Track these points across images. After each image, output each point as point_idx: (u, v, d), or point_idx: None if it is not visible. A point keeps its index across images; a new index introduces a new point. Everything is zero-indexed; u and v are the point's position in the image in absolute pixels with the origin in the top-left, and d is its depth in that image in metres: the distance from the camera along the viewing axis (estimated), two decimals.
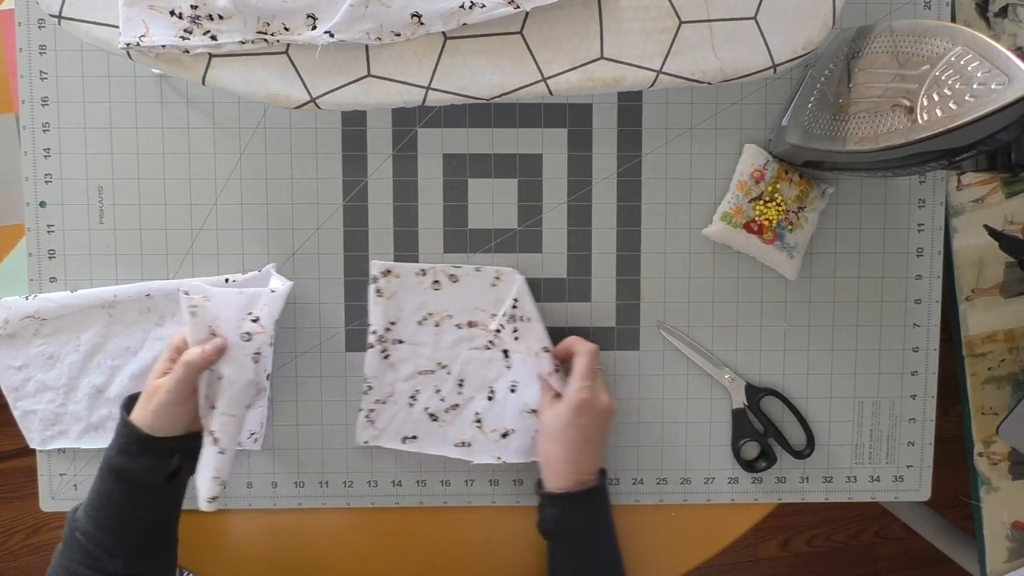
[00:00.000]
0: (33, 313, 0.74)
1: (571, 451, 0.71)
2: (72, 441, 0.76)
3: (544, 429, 0.73)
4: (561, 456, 0.71)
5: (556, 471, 0.71)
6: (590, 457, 0.71)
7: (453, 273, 0.76)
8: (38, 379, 0.75)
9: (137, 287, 0.75)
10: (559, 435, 0.71)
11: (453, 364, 0.77)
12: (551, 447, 0.71)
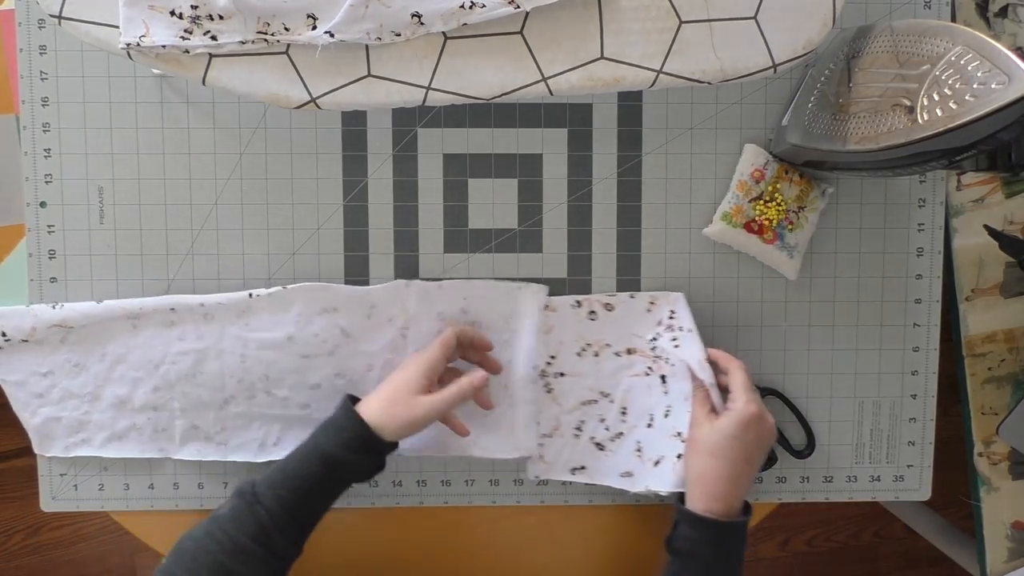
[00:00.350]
0: (60, 322, 0.74)
1: (729, 469, 0.67)
2: (95, 449, 0.76)
3: (701, 443, 0.68)
4: (717, 473, 0.67)
5: (707, 490, 0.67)
6: (746, 480, 0.68)
7: (608, 302, 0.76)
8: (63, 386, 0.75)
9: (162, 300, 0.74)
10: (720, 450, 0.67)
11: (615, 392, 0.76)
12: (707, 462, 0.67)
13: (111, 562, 1.49)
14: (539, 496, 0.79)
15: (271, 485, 0.65)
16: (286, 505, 0.64)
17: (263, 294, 0.74)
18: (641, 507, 0.79)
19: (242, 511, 0.64)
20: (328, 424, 0.68)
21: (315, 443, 0.67)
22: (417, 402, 0.68)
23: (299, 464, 0.66)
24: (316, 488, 0.66)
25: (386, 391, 0.68)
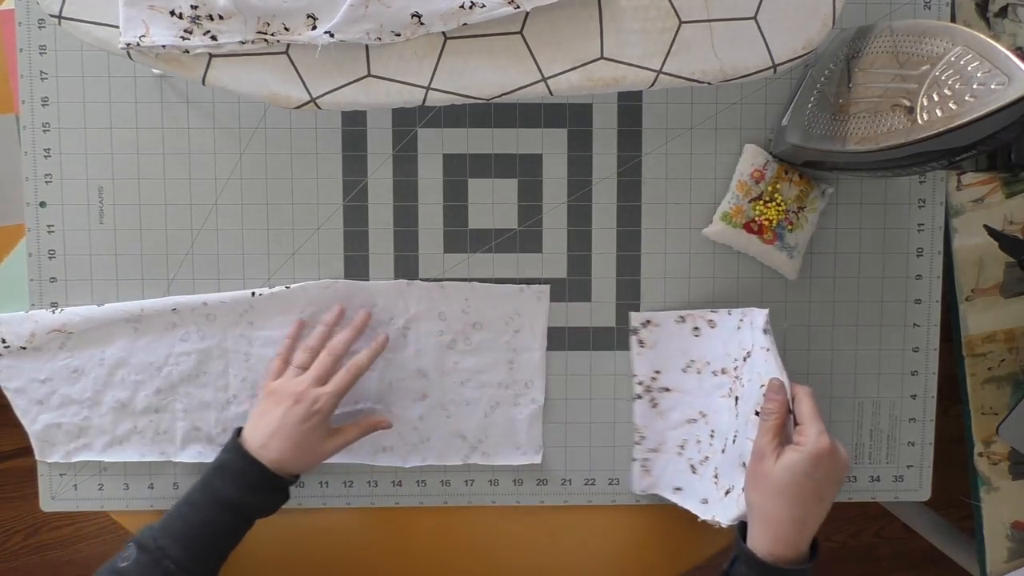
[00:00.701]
0: (59, 327, 0.74)
1: (799, 511, 0.60)
2: (96, 454, 0.76)
3: (767, 480, 0.61)
4: (786, 516, 0.60)
5: (773, 532, 0.61)
6: (816, 520, 0.61)
7: (711, 319, 0.75)
8: (63, 392, 0.75)
9: (164, 302, 0.74)
10: (789, 489, 0.60)
11: (710, 413, 0.75)
12: (775, 502, 0.61)
13: None
14: (539, 496, 0.79)
15: (175, 537, 0.65)
16: (195, 554, 0.65)
17: (266, 293, 0.74)
18: (641, 507, 0.79)
19: (149, 565, 0.64)
20: (222, 469, 0.68)
21: (212, 491, 0.67)
22: (323, 450, 0.71)
23: (200, 513, 0.66)
24: (223, 533, 0.67)
25: (289, 444, 0.68)
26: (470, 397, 0.77)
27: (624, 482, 0.79)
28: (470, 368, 0.77)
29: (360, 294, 0.75)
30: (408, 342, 0.76)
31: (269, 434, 0.68)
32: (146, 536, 0.66)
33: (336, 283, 0.75)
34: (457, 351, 0.76)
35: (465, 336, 0.76)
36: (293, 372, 0.71)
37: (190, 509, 0.67)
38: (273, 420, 0.68)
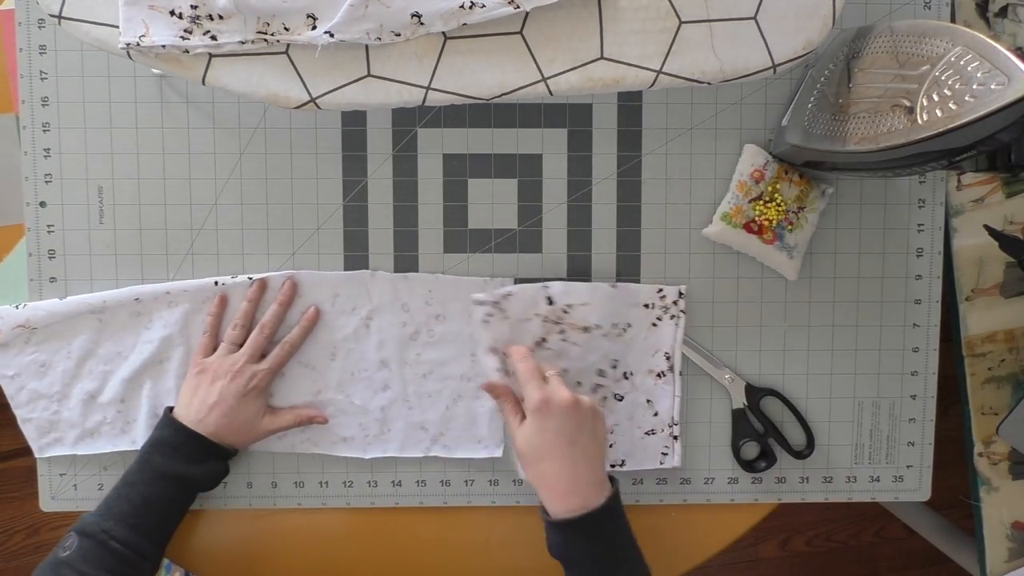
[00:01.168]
0: (23, 322, 0.74)
1: (558, 463, 0.64)
2: (68, 448, 0.76)
3: (522, 453, 0.66)
4: (550, 474, 0.64)
5: (552, 491, 0.64)
6: (583, 462, 0.64)
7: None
8: (31, 387, 0.75)
9: (126, 292, 0.75)
10: (537, 450, 0.64)
11: None
12: (537, 467, 0.65)
13: None
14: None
15: (120, 518, 0.66)
16: (142, 531, 0.66)
17: (229, 282, 0.74)
18: (641, 507, 0.79)
19: (93, 550, 0.64)
20: (160, 444, 0.69)
21: (153, 466, 0.68)
22: (258, 428, 0.73)
23: (145, 490, 0.67)
24: (167, 509, 0.68)
25: (225, 419, 0.70)
26: (432, 389, 0.77)
27: (624, 482, 0.79)
28: (432, 360, 0.76)
29: (323, 284, 0.75)
30: (371, 332, 0.76)
31: (207, 409, 0.70)
32: (87, 522, 0.66)
33: (298, 273, 0.75)
34: (420, 343, 0.76)
35: (428, 328, 0.76)
36: (226, 349, 0.73)
37: (131, 489, 0.67)
38: (210, 396, 0.70)
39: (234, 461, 0.77)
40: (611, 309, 0.76)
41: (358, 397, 0.76)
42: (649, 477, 0.79)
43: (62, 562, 0.64)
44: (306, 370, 0.76)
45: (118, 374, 0.75)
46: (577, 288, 0.75)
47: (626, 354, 0.76)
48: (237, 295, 0.75)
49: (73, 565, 0.64)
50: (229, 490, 0.78)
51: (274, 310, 0.74)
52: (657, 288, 0.76)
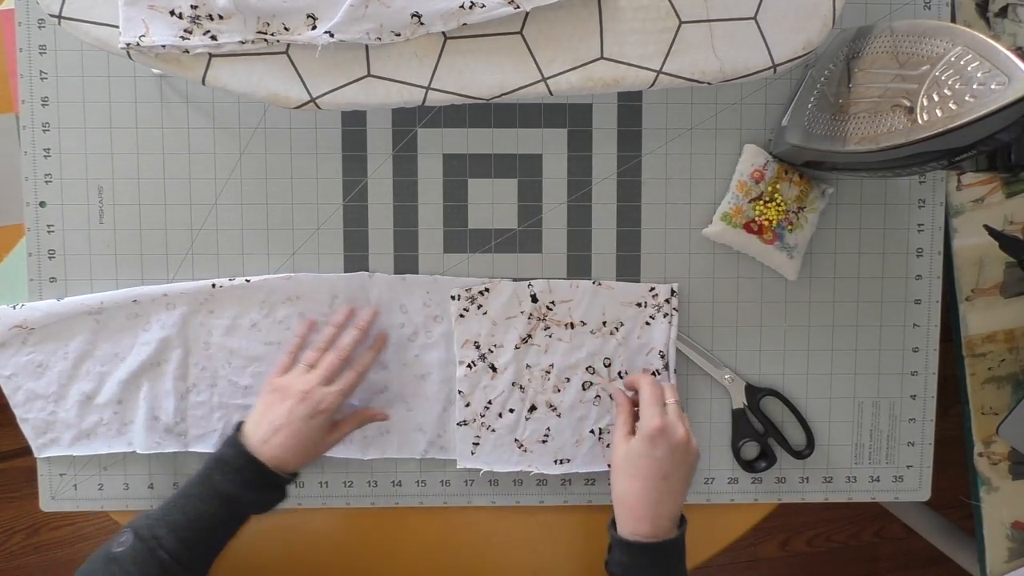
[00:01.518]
0: (20, 323, 0.74)
1: (647, 489, 0.65)
2: (64, 448, 0.76)
3: (617, 465, 0.68)
4: (636, 496, 0.66)
5: (631, 512, 0.66)
6: (670, 497, 0.66)
7: None
8: (28, 388, 0.75)
9: (124, 293, 0.75)
10: (634, 470, 0.66)
11: None
12: (626, 484, 0.67)
13: None
14: (539, 496, 0.79)
15: (172, 527, 0.65)
16: (190, 546, 0.65)
17: (226, 284, 0.74)
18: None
19: (143, 554, 0.64)
20: (221, 463, 0.68)
21: (211, 483, 0.67)
22: (323, 445, 0.71)
23: (198, 506, 0.66)
24: (218, 528, 0.67)
25: (293, 443, 0.68)
26: (430, 391, 0.77)
27: None
28: (430, 361, 0.77)
29: (321, 286, 0.75)
30: (369, 334, 0.76)
31: (273, 430, 0.68)
32: (142, 524, 0.66)
33: (296, 275, 0.75)
34: (418, 344, 0.76)
35: (426, 329, 0.76)
36: (301, 369, 0.71)
37: (187, 501, 0.67)
38: (278, 416, 0.68)
39: None
40: (597, 306, 0.76)
41: (356, 398, 0.76)
42: None
43: (113, 557, 0.64)
44: None
45: (115, 375, 0.75)
46: (559, 285, 0.76)
47: (620, 353, 0.76)
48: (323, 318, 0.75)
49: (122, 564, 0.64)
50: None
51: (353, 335, 0.73)
52: (649, 287, 0.76)
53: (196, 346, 0.75)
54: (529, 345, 0.76)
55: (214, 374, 0.76)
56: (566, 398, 0.77)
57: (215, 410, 0.76)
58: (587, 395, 0.77)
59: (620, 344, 0.76)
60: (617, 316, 0.76)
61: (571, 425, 0.77)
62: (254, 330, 0.75)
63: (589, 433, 0.77)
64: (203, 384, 0.76)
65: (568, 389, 0.77)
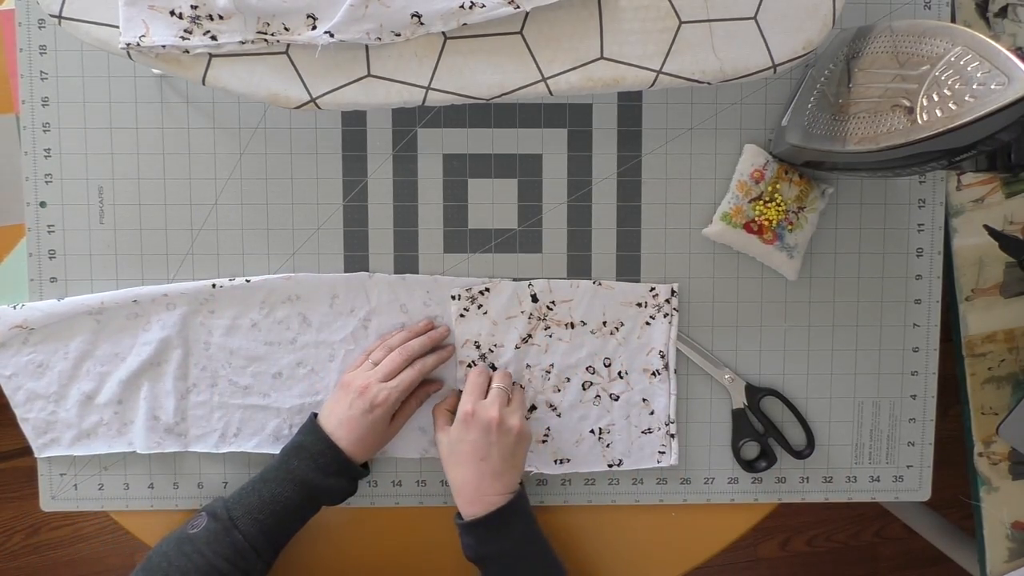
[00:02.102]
0: (21, 323, 0.74)
1: (468, 472, 0.69)
2: (64, 449, 0.76)
3: (442, 456, 0.72)
4: (461, 479, 0.70)
5: (462, 497, 0.70)
6: (491, 478, 0.69)
7: None
8: (28, 388, 0.75)
9: (124, 293, 0.75)
10: (453, 457, 0.70)
11: None
12: (451, 471, 0.71)
13: (111, 562, 1.49)
14: (539, 496, 0.79)
15: (247, 509, 0.66)
16: (264, 529, 0.66)
17: (227, 284, 0.75)
18: (641, 507, 0.79)
19: (218, 533, 0.65)
20: (300, 449, 0.69)
21: (288, 468, 0.68)
22: (388, 434, 0.73)
23: (275, 489, 0.68)
24: (292, 513, 0.68)
25: (356, 435, 0.70)
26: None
27: (624, 482, 0.79)
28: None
29: (321, 286, 0.75)
30: (369, 334, 0.76)
31: (336, 423, 0.70)
32: (218, 506, 0.67)
33: (296, 275, 0.75)
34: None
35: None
36: (366, 366, 0.73)
37: (264, 485, 0.68)
38: (341, 411, 0.70)
39: (227, 461, 0.77)
40: (597, 306, 0.76)
41: None
42: (649, 477, 0.79)
43: (188, 538, 0.66)
44: (305, 372, 0.76)
45: (115, 375, 0.75)
46: (559, 285, 0.76)
47: (620, 353, 0.76)
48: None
49: (196, 544, 0.65)
50: (229, 490, 0.77)
51: (421, 341, 0.74)
52: (649, 287, 0.76)
53: (196, 346, 0.75)
54: (529, 345, 0.76)
55: (214, 374, 0.76)
56: (566, 398, 0.77)
57: (215, 410, 0.76)
58: (587, 395, 0.77)
59: (620, 344, 0.76)
60: (617, 316, 0.76)
61: (571, 425, 0.77)
62: (254, 330, 0.75)
63: (589, 433, 0.77)
64: (203, 384, 0.76)
65: (568, 389, 0.77)
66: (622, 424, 0.77)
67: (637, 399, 0.77)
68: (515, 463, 0.70)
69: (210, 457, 0.77)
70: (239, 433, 0.76)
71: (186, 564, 0.64)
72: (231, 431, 0.76)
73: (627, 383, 0.77)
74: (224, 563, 0.65)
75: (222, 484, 0.78)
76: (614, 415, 0.77)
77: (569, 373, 0.76)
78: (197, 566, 0.64)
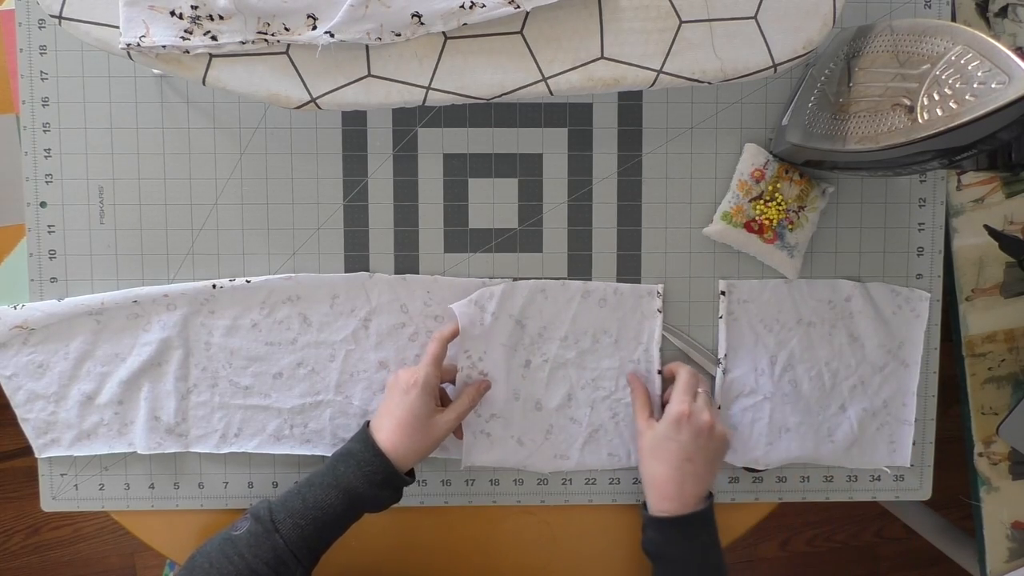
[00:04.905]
0: (21, 323, 0.74)
1: (671, 470, 0.69)
2: (64, 449, 0.76)
3: (643, 449, 0.72)
4: (662, 476, 0.70)
5: (657, 492, 0.70)
6: (693, 479, 0.69)
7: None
8: (28, 388, 0.75)
9: (124, 293, 0.75)
10: (658, 453, 0.70)
11: None
12: (651, 466, 0.71)
13: (111, 562, 1.49)
14: (539, 496, 0.79)
15: (290, 513, 0.66)
16: (304, 535, 0.66)
17: (227, 285, 0.74)
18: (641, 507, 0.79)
19: (260, 536, 0.65)
20: (348, 456, 0.68)
21: (335, 475, 0.67)
22: (434, 425, 0.70)
23: (320, 494, 0.67)
24: (334, 520, 0.67)
25: (398, 423, 0.68)
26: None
27: (625, 482, 0.79)
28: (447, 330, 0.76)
29: (322, 287, 0.75)
30: (369, 334, 0.76)
31: (386, 416, 0.70)
32: (262, 508, 0.67)
33: (296, 276, 0.75)
34: (418, 344, 0.76)
35: (427, 329, 0.76)
36: (414, 362, 0.74)
37: (309, 490, 0.67)
38: (384, 405, 0.70)
39: (228, 461, 0.77)
40: (590, 313, 0.76)
41: (357, 398, 0.76)
42: None
43: (231, 539, 0.65)
44: (306, 372, 0.76)
45: (116, 376, 0.75)
46: (547, 307, 0.76)
47: (615, 352, 0.77)
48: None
49: (238, 546, 0.64)
50: (230, 490, 0.78)
51: (453, 328, 0.74)
52: (645, 289, 0.76)
53: (197, 346, 0.75)
54: (529, 344, 0.76)
55: (215, 374, 0.76)
56: (565, 396, 0.77)
57: (216, 410, 0.76)
58: (587, 395, 0.77)
59: (616, 342, 0.76)
60: (610, 318, 0.76)
61: (571, 424, 0.77)
62: (255, 330, 0.75)
63: (590, 432, 0.77)
64: (204, 384, 0.76)
65: (567, 388, 0.77)
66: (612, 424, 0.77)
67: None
68: (715, 469, 0.72)
69: (211, 457, 0.77)
70: (240, 433, 0.76)
71: (227, 566, 0.63)
72: (232, 431, 0.76)
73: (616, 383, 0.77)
74: (264, 567, 0.64)
75: (223, 484, 0.78)
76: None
77: (567, 372, 0.77)
78: (237, 569, 0.63)
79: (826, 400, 0.77)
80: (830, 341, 0.77)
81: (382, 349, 0.76)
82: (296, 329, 0.75)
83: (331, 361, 0.76)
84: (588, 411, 0.77)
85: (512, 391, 0.77)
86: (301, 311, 0.75)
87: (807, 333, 0.77)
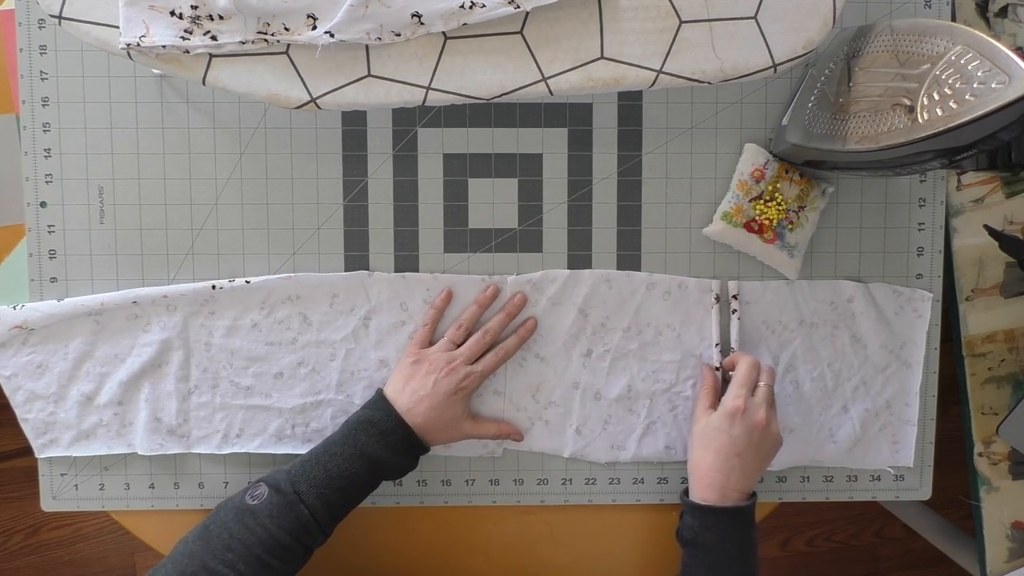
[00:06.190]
0: (20, 323, 0.74)
1: (718, 461, 0.69)
2: (63, 449, 0.76)
3: (695, 436, 0.72)
4: (708, 464, 0.70)
5: (701, 480, 0.70)
6: (739, 473, 0.69)
7: None
8: (28, 388, 0.75)
9: (123, 294, 0.75)
10: (708, 442, 0.70)
11: None
12: (700, 453, 0.71)
13: (111, 562, 1.49)
14: (539, 496, 0.79)
15: (313, 484, 0.66)
16: (327, 503, 0.66)
17: (227, 286, 0.74)
18: (641, 507, 0.79)
19: (282, 507, 0.65)
20: (369, 424, 0.69)
21: (356, 443, 0.68)
22: (460, 429, 0.73)
23: (343, 464, 0.67)
24: (355, 489, 0.68)
25: (431, 408, 0.70)
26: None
27: (625, 481, 0.79)
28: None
29: (321, 286, 0.75)
30: (370, 332, 0.76)
31: (417, 399, 0.70)
32: (279, 478, 0.66)
33: (296, 275, 0.75)
34: None
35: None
36: (445, 345, 0.73)
37: (329, 459, 0.68)
38: (422, 387, 0.70)
39: (228, 462, 0.77)
40: (652, 305, 0.77)
41: (359, 397, 0.76)
42: (650, 476, 0.79)
43: (249, 509, 0.65)
44: (306, 371, 0.76)
45: (115, 376, 0.75)
46: (611, 297, 0.76)
47: (678, 345, 0.77)
48: (464, 292, 0.75)
49: (259, 516, 0.64)
50: (230, 490, 0.78)
51: (500, 319, 0.74)
52: (710, 284, 0.77)
53: (197, 347, 0.75)
54: (591, 334, 0.76)
55: (216, 375, 0.76)
56: (625, 387, 0.77)
57: (217, 411, 0.76)
58: (647, 387, 0.77)
59: (678, 336, 0.77)
60: (674, 312, 0.77)
61: (629, 415, 0.77)
62: (255, 330, 0.75)
63: (647, 424, 0.77)
64: (205, 385, 0.76)
65: (627, 379, 0.77)
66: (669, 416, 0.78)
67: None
68: (762, 467, 0.71)
69: (211, 457, 0.77)
70: (241, 434, 0.76)
71: (248, 537, 0.63)
72: (233, 432, 0.76)
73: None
74: (287, 537, 0.64)
75: (223, 484, 0.78)
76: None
77: (627, 362, 0.77)
78: (260, 539, 0.63)
79: (828, 401, 0.77)
80: (832, 342, 0.77)
81: (382, 347, 0.76)
82: (296, 329, 0.75)
83: (332, 360, 0.76)
84: (647, 403, 0.77)
85: (572, 380, 0.76)
86: (301, 311, 0.75)
87: (809, 334, 0.77)
